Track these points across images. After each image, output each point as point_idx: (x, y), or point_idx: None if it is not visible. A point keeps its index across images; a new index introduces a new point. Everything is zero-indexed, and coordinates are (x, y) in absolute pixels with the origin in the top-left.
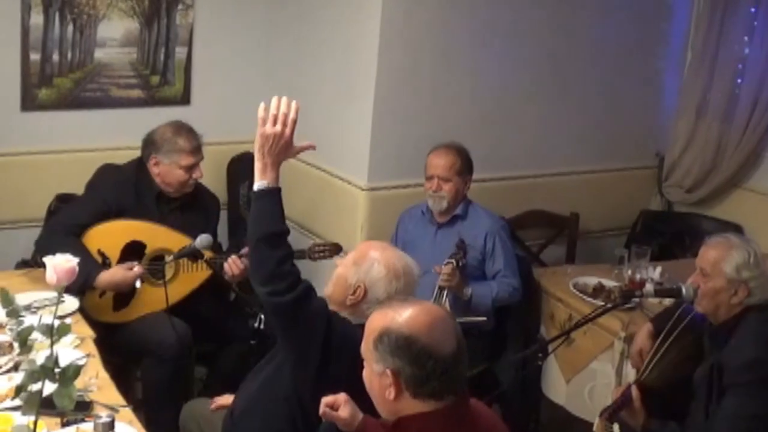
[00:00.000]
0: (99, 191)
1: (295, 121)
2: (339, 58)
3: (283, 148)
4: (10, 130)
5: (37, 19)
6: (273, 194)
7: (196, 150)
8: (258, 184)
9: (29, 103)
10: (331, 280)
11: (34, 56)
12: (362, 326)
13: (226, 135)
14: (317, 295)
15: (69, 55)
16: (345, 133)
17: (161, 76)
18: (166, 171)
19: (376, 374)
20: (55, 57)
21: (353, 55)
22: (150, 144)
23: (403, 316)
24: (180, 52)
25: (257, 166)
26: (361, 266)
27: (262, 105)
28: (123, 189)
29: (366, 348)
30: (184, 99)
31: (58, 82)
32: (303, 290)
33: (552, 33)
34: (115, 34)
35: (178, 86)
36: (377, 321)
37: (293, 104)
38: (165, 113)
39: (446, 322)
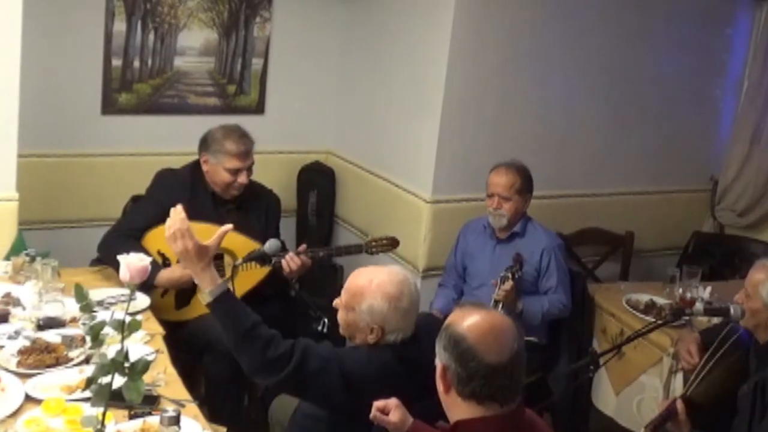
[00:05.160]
0: (156, 195)
1: (188, 229)
2: (409, 76)
3: (197, 255)
4: (91, 133)
5: (120, 26)
6: (223, 299)
7: (243, 155)
8: (204, 295)
9: (109, 107)
10: (342, 328)
11: (116, 62)
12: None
13: (297, 144)
14: (318, 348)
15: (149, 62)
16: (412, 148)
17: (237, 86)
18: (213, 170)
19: (437, 366)
20: (136, 63)
21: (423, 74)
22: (203, 142)
23: (467, 318)
24: (256, 63)
25: (200, 280)
26: (360, 310)
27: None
28: (179, 191)
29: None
30: (259, 108)
31: (138, 87)
32: (298, 360)
33: (614, 58)
34: (194, 44)
35: (253, 96)
36: (448, 319)
37: (179, 215)
38: (239, 121)
39: (505, 334)
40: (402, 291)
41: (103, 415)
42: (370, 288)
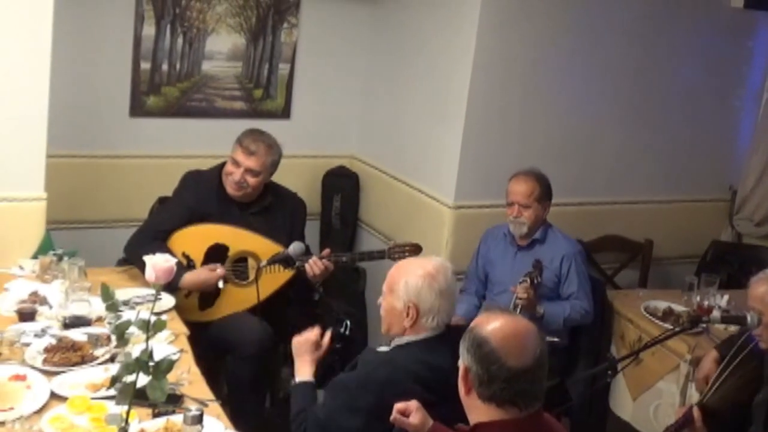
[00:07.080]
0: (182, 197)
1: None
2: (434, 82)
3: (315, 344)
4: (119, 135)
5: (149, 30)
6: (305, 386)
7: (246, 150)
8: (297, 377)
9: (138, 109)
10: (383, 319)
11: (145, 65)
12: (412, 343)
13: (322, 149)
14: (316, 411)
15: (177, 66)
16: (435, 154)
17: (264, 90)
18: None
19: (460, 367)
20: (164, 67)
21: (447, 80)
22: None
23: (492, 322)
24: (283, 68)
25: (299, 367)
26: (398, 289)
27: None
28: (205, 193)
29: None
30: (285, 113)
31: (166, 90)
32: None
33: (635, 69)
34: (222, 48)
35: (280, 101)
36: (473, 322)
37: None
38: (266, 126)
39: (528, 339)
40: (438, 270)
41: (127, 413)
42: (408, 267)
